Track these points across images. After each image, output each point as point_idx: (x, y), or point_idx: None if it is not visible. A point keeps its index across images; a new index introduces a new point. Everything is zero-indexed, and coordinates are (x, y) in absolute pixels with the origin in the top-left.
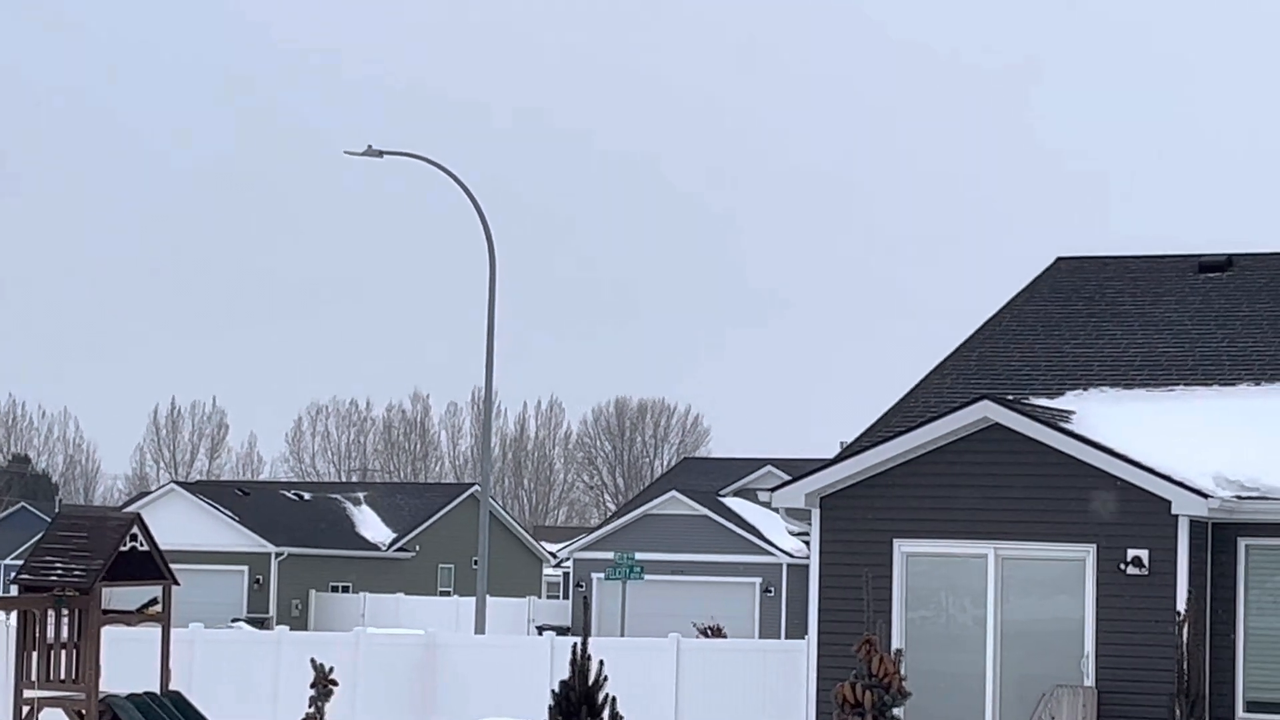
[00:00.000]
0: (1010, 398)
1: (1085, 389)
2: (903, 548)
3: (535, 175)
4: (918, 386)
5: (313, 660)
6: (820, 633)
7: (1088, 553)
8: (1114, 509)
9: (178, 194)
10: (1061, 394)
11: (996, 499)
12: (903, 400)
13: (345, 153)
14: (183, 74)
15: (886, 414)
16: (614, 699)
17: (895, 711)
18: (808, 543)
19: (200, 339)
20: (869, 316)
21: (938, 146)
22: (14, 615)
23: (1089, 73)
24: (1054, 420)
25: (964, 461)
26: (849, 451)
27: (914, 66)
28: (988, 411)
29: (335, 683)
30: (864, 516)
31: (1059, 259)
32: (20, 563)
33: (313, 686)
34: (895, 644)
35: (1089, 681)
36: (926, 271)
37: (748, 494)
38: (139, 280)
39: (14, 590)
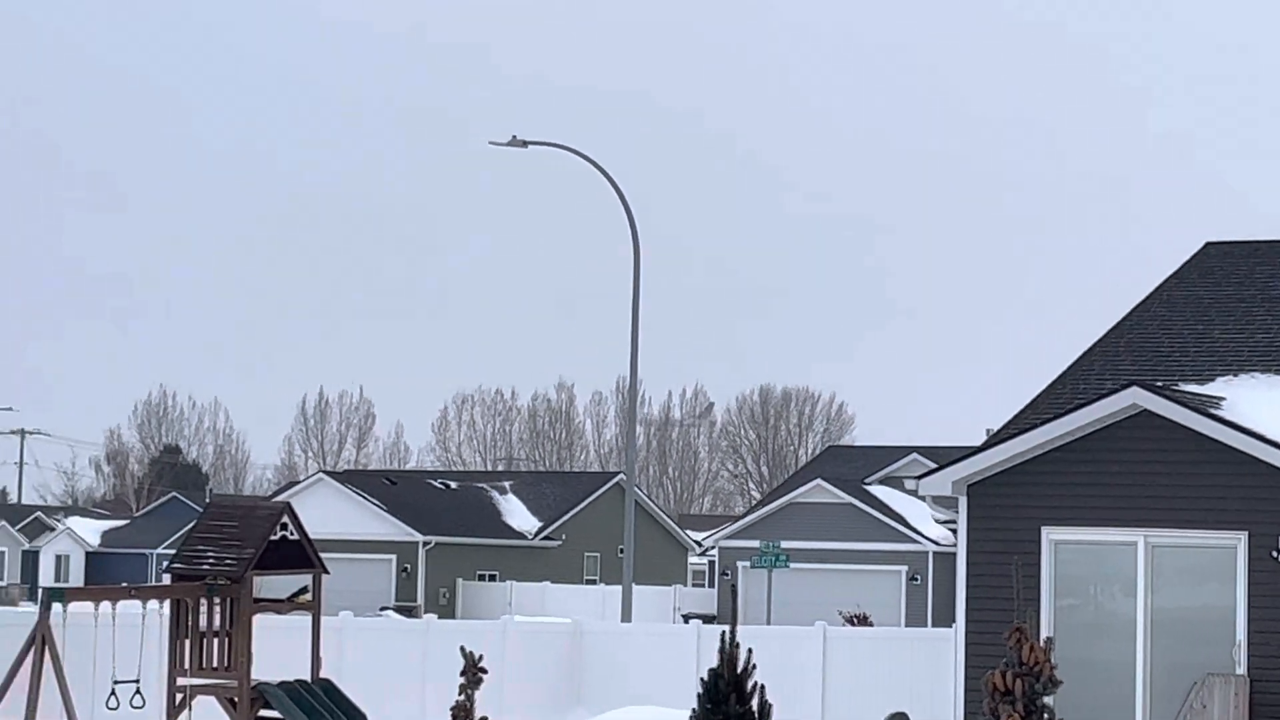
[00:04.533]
0: (1159, 384)
1: (1235, 375)
2: (1051, 535)
3: (677, 165)
4: (1065, 373)
5: (462, 648)
6: (968, 621)
7: (1239, 540)
8: (1265, 496)
9: (322, 191)
10: (1211, 380)
11: (1145, 486)
12: (1050, 387)
13: (490, 143)
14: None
15: (1034, 401)
16: (762, 686)
17: (1046, 700)
18: (954, 531)
19: (347, 330)
20: (1015, 304)
21: (1086, 135)
22: (167, 604)
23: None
24: (1204, 406)
25: (1112, 448)
26: (996, 439)
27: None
28: (1137, 398)
29: (485, 670)
30: (1011, 504)
31: (1208, 244)
32: (172, 552)
33: (463, 674)
34: (1045, 632)
35: (1241, 670)
36: (1074, 258)
37: (893, 482)
38: (287, 274)
39: (167, 579)
